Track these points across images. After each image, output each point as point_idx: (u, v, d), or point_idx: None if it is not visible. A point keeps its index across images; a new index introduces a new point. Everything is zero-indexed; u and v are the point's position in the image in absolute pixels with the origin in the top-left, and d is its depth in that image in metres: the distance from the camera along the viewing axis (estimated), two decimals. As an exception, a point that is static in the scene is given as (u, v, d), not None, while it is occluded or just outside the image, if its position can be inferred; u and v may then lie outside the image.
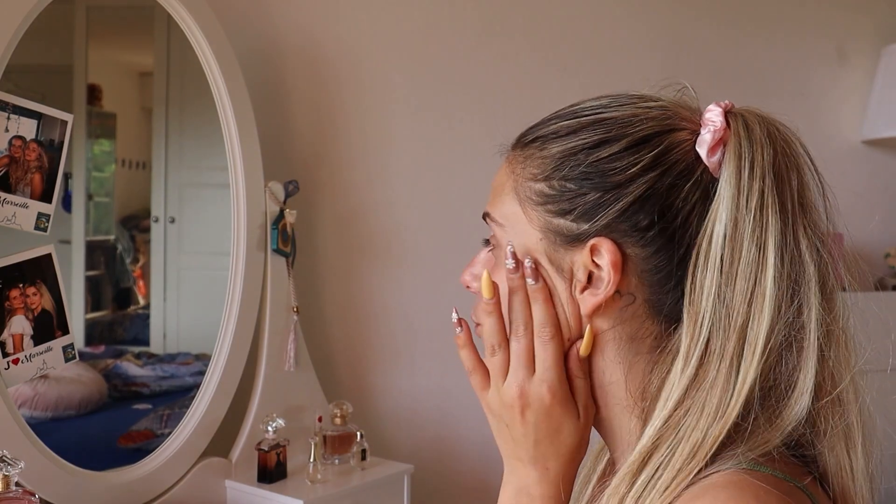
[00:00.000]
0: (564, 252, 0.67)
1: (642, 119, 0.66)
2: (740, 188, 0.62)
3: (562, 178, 0.67)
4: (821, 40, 2.49)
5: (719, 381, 0.60)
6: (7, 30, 1.17)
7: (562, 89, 2.05)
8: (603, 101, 0.69)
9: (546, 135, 0.70)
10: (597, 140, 0.66)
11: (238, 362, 1.51)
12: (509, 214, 0.70)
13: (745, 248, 0.61)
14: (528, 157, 0.70)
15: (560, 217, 0.66)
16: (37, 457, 1.20)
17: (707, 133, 0.64)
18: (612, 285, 0.64)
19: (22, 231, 1.21)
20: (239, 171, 1.51)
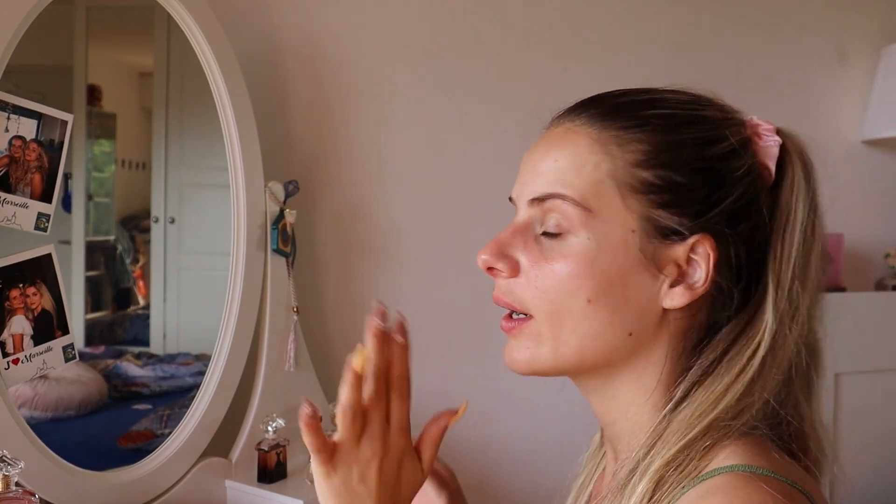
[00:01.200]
0: (659, 244, 0.65)
1: (731, 124, 0.68)
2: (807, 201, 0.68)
3: (669, 168, 0.65)
4: (821, 40, 2.49)
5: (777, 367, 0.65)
6: (7, 30, 1.17)
7: (563, 88, 2.04)
8: (686, 96, 0.70)
9: (643, 118, 0.66)
10: (705, 137, 0.66)
11: (238, 362, 1.51)
12: (604, 199, 0.65)
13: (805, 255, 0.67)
14: (623, 139, 0.66)
15: (662, 209, 0.65)
16: (37, 457, 1.20)
17: (773, 147, 0.68)
18: (709, 283, 0.65)
19: (22, 231, 1.21)
20: (239, 171, 1.51)
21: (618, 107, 0.68)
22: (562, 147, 0.67)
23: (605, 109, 0.68)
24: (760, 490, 0.57)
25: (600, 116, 0.67)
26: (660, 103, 0.68)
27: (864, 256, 2.51)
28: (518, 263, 0.68)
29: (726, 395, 0.63)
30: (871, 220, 2.52)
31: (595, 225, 0.65)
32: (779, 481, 0.59)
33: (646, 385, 0.68)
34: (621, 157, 0.65)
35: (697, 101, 0.69)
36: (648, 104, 0.68)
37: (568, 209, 0.65)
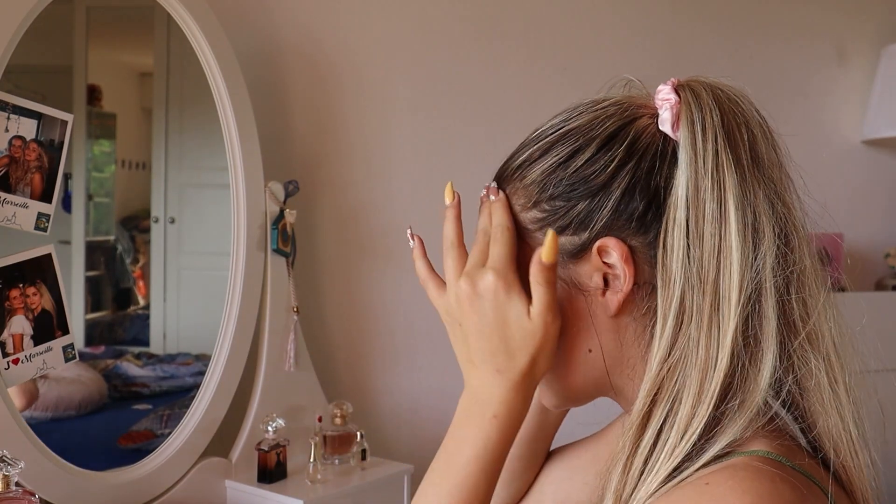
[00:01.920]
0: (574, 267, 0.67)
1: (602, 119, 0.68)
2: (696, 151, 0.63)
3: (549, 198, 0.68)
4: (821, 40, 2.49)
5: (702, 337, 0.62)
6: (7, 30, 1.17)
7: (561, 90, 2.05)
8: (561, 116, 0.71)
9: (521, 164, 0.71)
10: (569, 151, 0.68)
11: (238, 362, 1.51)
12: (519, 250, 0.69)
13: (706, 207, 0.62)
14: (512, 192, 0.71)
15: (560, 235, 0.67)
16: (37, 457, 1.20)
17: (665, 111, 0.66)
18: (629, 279, 0.65)
19: (22, 231, 1.21)
20: (239, 171, 1.51)
21: (507, 163, 0.73)
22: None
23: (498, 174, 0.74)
24: (777, 475, 0.57)
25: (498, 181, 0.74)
26: (534, 140, 0.71)
27: (864, 256, 2.51)
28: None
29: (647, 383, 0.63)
30: (871, 220, 2.52)
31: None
32: (795, 471, 0.59)
33: (637, 377, 0.69)
34: (517, 207, 0.71)
35: (570, 115, 0.70)
36: (526, 147, 0.72)
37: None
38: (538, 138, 0.71)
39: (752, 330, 0.62)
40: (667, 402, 0.62)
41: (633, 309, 0.67)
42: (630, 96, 0.71)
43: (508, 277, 0.67)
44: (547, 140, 0.70)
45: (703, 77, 0.68)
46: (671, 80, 0.67)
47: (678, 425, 0.61)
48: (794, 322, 0.64)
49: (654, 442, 0.62)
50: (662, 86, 0.67)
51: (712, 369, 0.61)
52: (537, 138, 0.71)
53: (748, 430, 0.61)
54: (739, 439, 0.61)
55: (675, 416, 0.62)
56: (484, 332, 0.67)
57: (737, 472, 0.58)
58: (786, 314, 0.63)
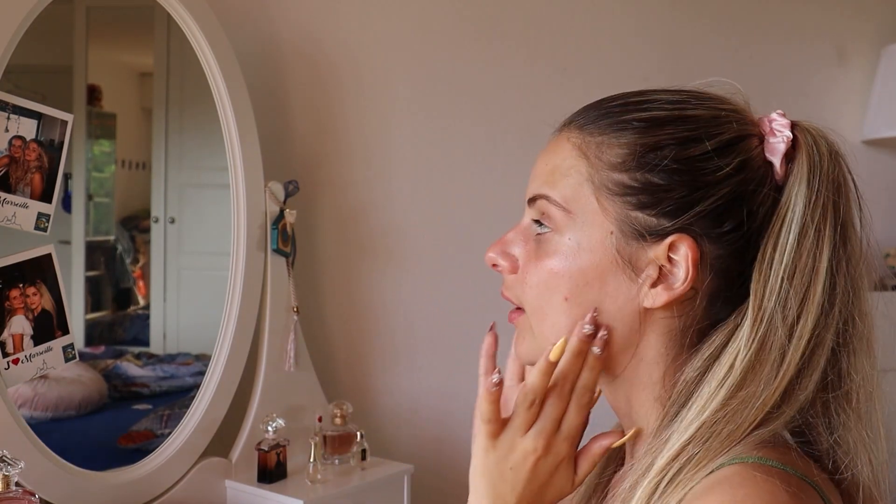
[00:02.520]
0: (637, 246, 0.67)
1: (724, 122, 0.68)
2: (809, 199, 0.65)
3: (647, 170, 0.66)
4: (821, 40, 2.49)
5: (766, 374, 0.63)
6: (7, 30, 1.17)
7: (562, 90, 2.05)
8: (678, 96, 0.70)
9: (622, 122, 0.68)
10: (685, 137, 0.67)
11: (238, 362, 1.51)
12: (581, 201, 0.68)
13: (805, 255, 0.65)
14: (602, 144, 0.68)
15: (639, 210, 0.66)
16: (37, 457, 1.20)
17: (779, 143, 0.67)
18: (689, 282, 0.65)
19: (22, 231, 1.21)
20: (239, 171, 1.51)
21: (605, 112, 0.70)
22: (553, 152, 0.71)
23: (593, 116, 0.70)
24: (768, 480, 0.57)
25: (588, 122, 0.70)
26: (645, 105, 0.69)
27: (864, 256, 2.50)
28: (517, 260, 0.72)
29: (712, 402, 0.63)
30: (871, 219, 2.52)
31: (575, 226, 0.68)
32: (788, 473, 0.59)
33: (645, 384, 0.69)
34: (598, 161, 0.68)
35: (689, 100, 0.69)
36: (633, 107, 0.69)
37: (552, 210, 0.69)
38: (648, 106, 0.69)
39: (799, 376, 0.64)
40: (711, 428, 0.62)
41: (669, 308, 0.67)
42: (743, 107, 0.71)
43: (573, 453, 0.70)
44: (661, 114, 0.68)
45: (817, 124, 0.70)
46: (782, 113, 0.69)
47: (710, 446, 0.62)
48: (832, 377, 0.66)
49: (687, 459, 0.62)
50: (776, 116, 0.69)
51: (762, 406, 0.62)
52: (647, 105, 0.69)
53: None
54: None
55: (709, 440, 0.62)
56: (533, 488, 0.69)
57: (735, 491, 0.57)
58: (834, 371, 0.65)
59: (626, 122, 0.68)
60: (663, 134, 0.67)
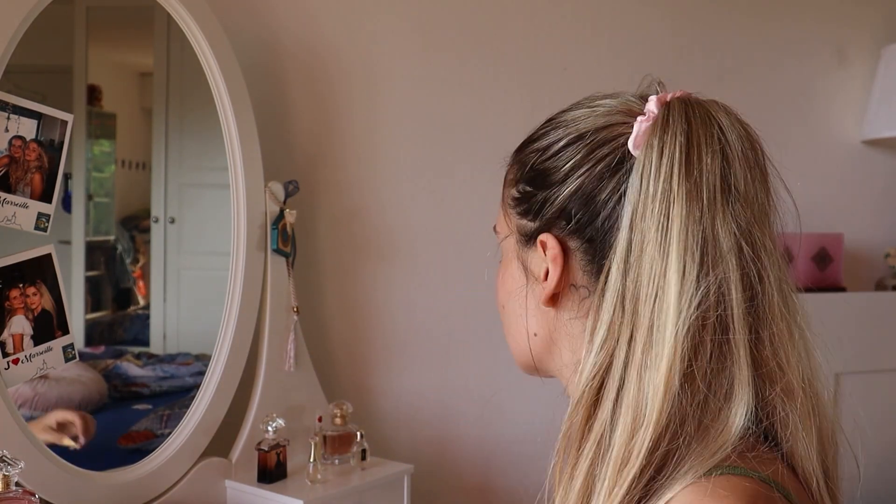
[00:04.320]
0: (526, 251, 0.72)
1: (587, 117, 0.69)
2: (643, 174, 0.61)
3: (523, 180, 0.72)
4: (821, 40, 2.49)
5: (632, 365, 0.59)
6: (7, 30, 1.17)
7: (562, 90, 2.05)
8: (573, 104, 0.73)
9: (523, 143, 0.75)
10: (547, 142, 0.70)
11: (238, 362, 1.51)
12: (501, 221, 0.77)
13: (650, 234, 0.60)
14: (510, 166, 0.76)
15: (523, 218, 0.72)
16: (37, 457, 1.20)
17: (641, 124, 0.63)
18: (554, 278, 0.68)
19: (22, 231, 1.21)
20: (239, 171, 1.51)
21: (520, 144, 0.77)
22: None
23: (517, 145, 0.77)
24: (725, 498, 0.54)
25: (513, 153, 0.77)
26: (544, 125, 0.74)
27: (864, 256, 2.51)
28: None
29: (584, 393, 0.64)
30: (871, 220, 2.52)
31: (503, 243, 0.76)
32: (740, 477, 0.56)
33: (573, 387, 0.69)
34: (505, 182, 0.76)
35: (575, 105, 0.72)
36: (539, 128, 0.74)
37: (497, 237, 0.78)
38: (546, 120, 0.74)
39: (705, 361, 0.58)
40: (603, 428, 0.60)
41: (566, 308, 0.69)
42: (634, 101, 0.68)
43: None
44: (545, 124, 0.73)
45: (696, 94, 0.65)
46: (678, 91, 0.65)
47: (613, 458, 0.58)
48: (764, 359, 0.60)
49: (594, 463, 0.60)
50: (653, 97, 0.64)
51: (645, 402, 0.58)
52: (546, 120, 0.74)
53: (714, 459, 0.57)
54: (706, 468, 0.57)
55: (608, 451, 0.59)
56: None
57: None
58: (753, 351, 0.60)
59: (526, 140, 0.75)
60: (537, 143, 0.72)
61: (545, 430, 2.20)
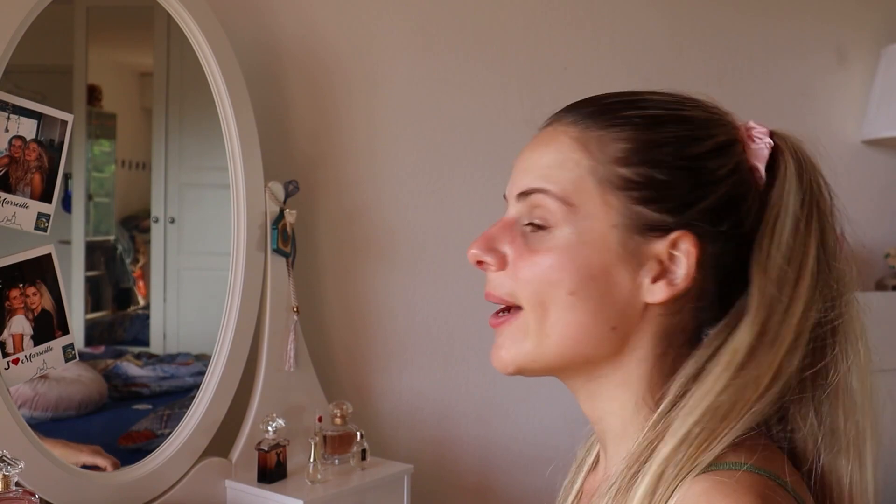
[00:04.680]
0: (640, 240, 0.67)
1: (717, 125, 0.70)
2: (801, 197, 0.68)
3: (650, 166, 0.67)
4: (821, 40, 2.49)
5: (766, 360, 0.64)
6: (7, 30, 1.17)
7: (562, 90, 2.05)
8: (673, 98, 0.71)
9: (623, 118, 0.69)
10: (686, 136, 0.68)
11: (238, 362, 1.51)
12: (584, 195, 0.67)
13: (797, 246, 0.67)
14: (602, 138, 0.68)
15: (643, 205, 0.66)
16: (37, 457, 1.20)
17: (763, 149, 0.69)
18: (689, 279, 0.66)
19: (22, 231, 1.21)
20: (239, 171, 1.51)
21: (602, 107, 0.70)
22: (547, 145, 0.70)
23: (590, 110, 0.70)
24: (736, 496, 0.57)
25: (584, 117, 0.70)
26: (643, 103, 0.70)
27: (864, 256, 2.51)
28: (505, 256, 0.70)
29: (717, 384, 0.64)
30: (871, 220, 2.52)
31: (577, 220, 0.67)
32: (760, 476, 0.59)
33: (631, 382, 0.69)
34: (601, 154, 0.67)
35: (684, 102, 0.71)
36: (631, 104, 0.70)
37: (550, 203, 0.68)
38: (645, 104, 0.70)
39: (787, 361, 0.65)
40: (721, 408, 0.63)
41: (668, 305, 0.67)
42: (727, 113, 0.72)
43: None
44: (660, 112, 0.69)
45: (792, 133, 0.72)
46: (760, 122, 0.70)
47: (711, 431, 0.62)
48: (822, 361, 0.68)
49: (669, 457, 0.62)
50: (755, 124, 0.70)
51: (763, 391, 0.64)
52: (643, 104, 0.70)
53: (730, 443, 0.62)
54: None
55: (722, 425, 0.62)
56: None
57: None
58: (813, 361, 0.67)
59: (626, 118, 0.68)
60: (664, 131, 0.68)
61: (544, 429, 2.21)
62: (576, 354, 0.69)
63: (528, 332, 0.70)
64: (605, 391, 0.70)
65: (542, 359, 0.70)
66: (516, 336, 0.71)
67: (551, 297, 0.67)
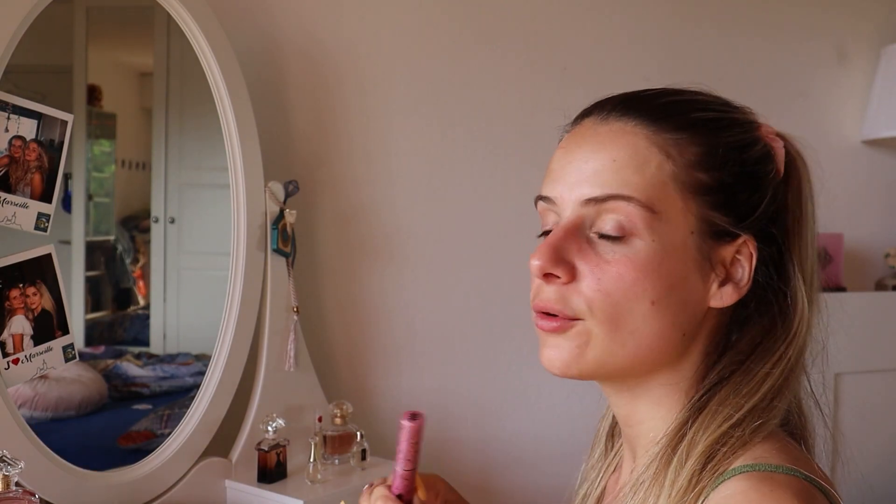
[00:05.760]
0: (712, 245, 0.67)
1: (754, 128, 0.71)
2: (812, 203, 0.72)
3: (722, 170, 0.66)
4: (821, 40, 2.49)
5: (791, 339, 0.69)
6: (7, 30, 1.17)
7: (561, 90, 2.05)
8: (718, 99, 0.72)
9: (693, 120, 0.67)
10: (742, 140, 0.68)
11: (238, 362, 1.51)
12: (667, 200, 0.65)
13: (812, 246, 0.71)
14: (679, 142, 0.66)
15: (715, 210, 0.66)
16: (37, 457, 1.20)
17: (781, 149, 0.71)
18: (750, 281, 0.68)
19: (22, 231, 1.21)
20: (239, 171, 1.51)
21: (665, 108, 0.67)
22: (619, 147, 0.66)
23: (655, 110, 0.67)
24: (775, 496, 0.58)
25: (652, 118, 0.66)
26: (700, 105, 0.69)
27: (864, 256, 2.51)
28: (575, 268, 0.66)
29: (764, 384, 0.66)
30: (871, 220, 2.52)
31: (658, 227, 0.64)
32: (798, 479, 0.60)
33: (680, 382, 0.69)
34: (680, 158, 0.65)
35: (727, 103, 0.72)
36: (691, 106, 0.69)
37: (632, 210, 0.64)
38: (704, 106, 0.69)
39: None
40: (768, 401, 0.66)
41: (724, 309, 0.69)
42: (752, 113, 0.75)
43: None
44: (719, 115, 0.69)
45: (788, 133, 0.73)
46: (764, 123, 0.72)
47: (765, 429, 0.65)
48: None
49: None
50: (765, 122, 0.72)
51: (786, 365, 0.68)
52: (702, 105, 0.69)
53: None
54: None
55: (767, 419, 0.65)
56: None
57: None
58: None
59: (694, 120, 0.67)
60: (727, 135, 0.68)
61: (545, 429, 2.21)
62: (648, 362, 0.67)
63: (590, 340, 0.66)
64: (654, 394, 0.70)
65: (611, 367, 0.67)
66: (578, 341, 0.66)
67: (630, 308, 0.64)
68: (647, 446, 0.69)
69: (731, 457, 0.62)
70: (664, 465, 0.64)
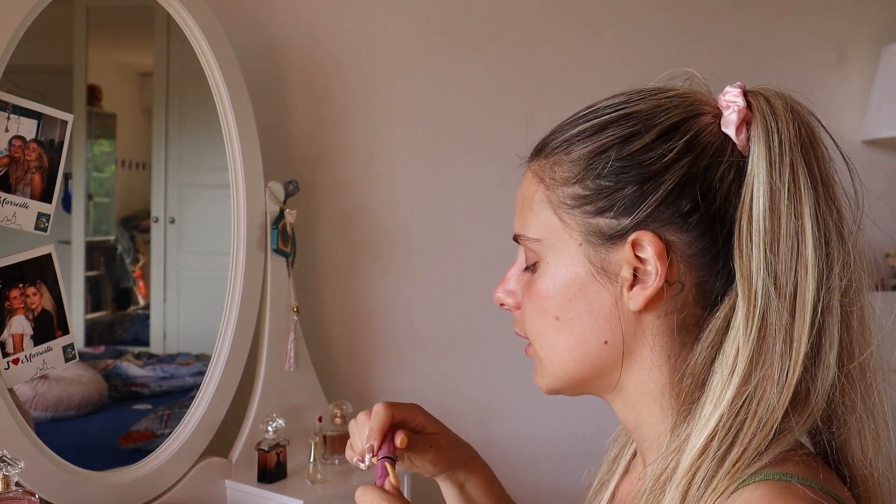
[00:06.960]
0: (606, 252, 0.67)
1: (666, 108, 0.67)
2: (772, 162, 0.63)
3: (595, 176, 0.67)
4: (821, 40, 2.49)
5: (778, 352, 0.61)
6: (7, 30, 1.17)
7: (562, 90, 2.05)
8: (621, 97, 0.70)
9: (570, 138, 0.69)
10: (626, 134, 0.66)
11: (238, 362, 1.51)
12: (545, 225, 0.69)
13: (783, 219, 0.62)
14: (554, 164, 0.69)
15: (598, 216, 0.66)
16: (37, 457, 1.20)
17: (731, 113, 0.65)
18: (660, 276, 0.65)
19: (22, 231, 1.21)
20: (239, 171, 1.51)
21: (555, 134, 0.71)
22: (522, 188, 0.74)
23: (547, 141, 0.72)
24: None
25: (540, 149, 0.72)
26: (590, 115, 0.70)
27: (864, 256, 2.50)
28: (518, 296, 0.74)
29: (727, 391, 0.61)
30: (871, 220, 2.52)
31: (549, 249, 0.69)
32: (816, 490, 0.58)
33: (649, 389, 0.68)
34: (552, 181, 0.69)
35: (630, 98, 0.69)
36: (580, 120, 0.70)
37: (529, 244, 0.71)
38: (593, 115, 0.69)
39: (817, 349, 0.62)
40: (738, 420, 0.61)
41: (657, 306, 0.66)
42: (694, 90, 0.71)
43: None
44: (603, 118, 0.68)
45: (774, 86, 0.67)
46: (738, 83, 0.67)
47: (742, 441, 0.60)
48: (850, 347, 0.64)
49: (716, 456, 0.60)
50: (730, 87, 0.67)
51: (783, 388, 0.61)
52: (592, 115, 0.69)
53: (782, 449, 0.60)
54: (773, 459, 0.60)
55: (740, 432, 0.61)
56: None
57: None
58: (848, 339, 0.64)
59: (574, 136, 0.69)
60: (606, 137, 0.67)
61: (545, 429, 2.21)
62: (581, 372, 0.70)
63: (538, 360, 0.73)
64: (630, 401, 0.70)
65: (561, 381, 0.72)
66: (536, 362, 0.74)
67: (545, 326, 0.70)
68: (652, 453, 0.69)
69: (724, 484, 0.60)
70: (657, 493, 0.64)
